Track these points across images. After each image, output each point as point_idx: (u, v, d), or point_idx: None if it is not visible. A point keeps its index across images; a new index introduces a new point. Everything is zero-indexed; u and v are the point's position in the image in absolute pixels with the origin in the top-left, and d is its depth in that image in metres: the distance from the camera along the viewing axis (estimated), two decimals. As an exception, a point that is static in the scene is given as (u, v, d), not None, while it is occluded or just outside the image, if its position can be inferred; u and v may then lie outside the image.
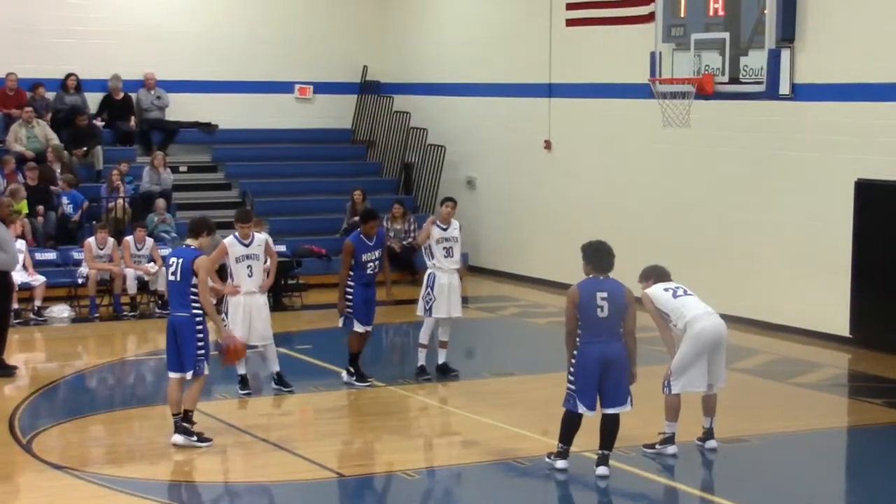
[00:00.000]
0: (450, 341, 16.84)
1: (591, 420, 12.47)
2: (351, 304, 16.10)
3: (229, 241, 15.40)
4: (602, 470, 12.44)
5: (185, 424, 13.48)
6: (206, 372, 13.55)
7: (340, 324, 16.24)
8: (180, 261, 13.35)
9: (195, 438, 13.48)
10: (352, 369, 16.36)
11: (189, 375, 13.42)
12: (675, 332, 13.20)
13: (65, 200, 22.91)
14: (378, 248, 16.29)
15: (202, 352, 13.40)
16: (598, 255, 12.53)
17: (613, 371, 12.31)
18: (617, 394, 12.36)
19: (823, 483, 12.92)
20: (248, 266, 15.36)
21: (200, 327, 13.35)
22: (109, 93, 25.71)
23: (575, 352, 12.37)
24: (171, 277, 13.45)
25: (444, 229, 16.57)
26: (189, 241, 13.60)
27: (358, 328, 16.14)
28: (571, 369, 12.39)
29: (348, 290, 16.08)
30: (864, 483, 13.04)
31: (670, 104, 19.73)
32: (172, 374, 13.53)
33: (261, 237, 15.70)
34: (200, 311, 13.34)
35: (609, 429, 12.45)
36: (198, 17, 26.93)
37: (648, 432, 13.41)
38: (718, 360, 13.22)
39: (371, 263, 16.14)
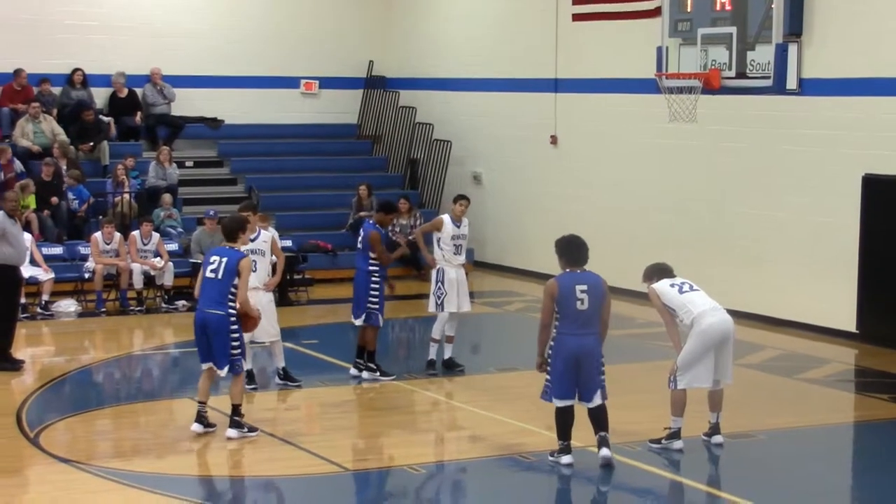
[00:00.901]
0: (456, 336, 16.87)
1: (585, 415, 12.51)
2: (377, 299, 16.09)
3: None
4: (604, 452, 12.45)
5: (236, 419, 13.58)
6: (246, 368, 13.66)
7: (360, 321, 16.16)
8: (224, 260, 13.37)
9: (246, 430, 13.60)
10: (373, 366, 16.35)
11: (224, 373, 13.47)
12: (682, 327, 13.19)
13: (70, 196, 22.93)
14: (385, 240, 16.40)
15: (238, 350, 13.48)
16: (570, 249, 12.61)
17: (589, 363, 12.38)
18: (595, 384, 12.41)
19: (830, 478, 12.90)
20: (254, 261, 15.29)
21: (235, 326, 13.42)
22: (114, 90, 25.72)
23: (552, 342, 12.43)
24: (211, 275, 13.42)
25: (458, 226, 16.61)
26: (229, 244, 13.61)
27: (380, 322, 16.16)
28: (549, 360, 12.43)
29: (374, 285, 16.06)
30: (870, 478, 13.03)
31: (677, 99, 19.69)
32: (205, 366, 13.60)
33: (267, 234, 15.66)
34: (235, 311, 13.40)
35: (597, 416, 12.51)
36: (204, 13, 26.96)
37: (655, 427, 13.41)
38: (725, 356, 13.21)
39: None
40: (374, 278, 16.04)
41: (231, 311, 13.35)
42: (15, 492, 12.17)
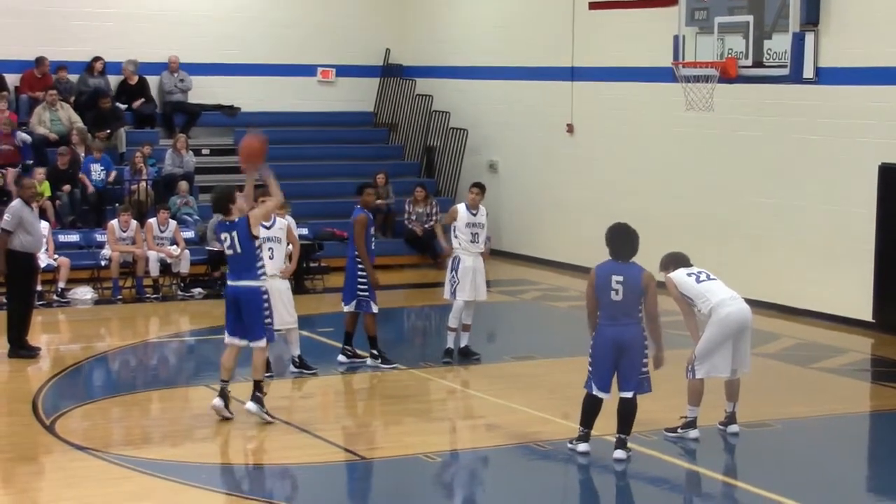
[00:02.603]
0: (472, 325, 16.87)
1: (613, 404, 12.49)
2: (365, 286, 16.13)
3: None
4: (619, 454, 12.45)
5: (259, 394, 13.69)
6: (274, 339, 13.99)
7: (352, 307, 16.18)
8: (234, 233, 13.55)
9: (265, 410, 13.67)
10: (375, 352, 16.38)
11: (263, 343, 13.61)
12: (700, 317, 13.18)
13: (98, 167, 22.85)
14: (373, 224, 16.41)
15: (269, 319, 13.71)
16: (614, 240, 12.56)
17: (628, 354, 12.33)
18: (631, 377, 12.36)
19: (845, 468, 12.89)
20: (270, 248, 15.32)
21: (266, 296, 13.65)
22: (124, 77, 25.74)
23: (594, 333, 12.43)
24: (230, 252, 13.64)
25: (473, 214, 16.62)
26: (225, 219, 13.66)
27: (374, 308, 16.17)
28: (591, 350, 12.44)
29: (360, 271, 16.10)
30: (886, 467, 13.01)
31: (693, 88, 19.63)
32: (233, 341, 13.71)
33: (283, 221, 15.69)
34: (265, 282, 13.66)
35: (624, 411, 12.48)
36: (221, 1, 26.96)
37: (671, 416, 13.41)
38: (743, 346, 13.20)
39: (373, 239, 16.25)
40: (360, 264, 16.09)
41: (262, 280, 13.62)
42: (31, 479, 12.22)
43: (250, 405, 13.63)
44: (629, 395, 12.42)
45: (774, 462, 12.68)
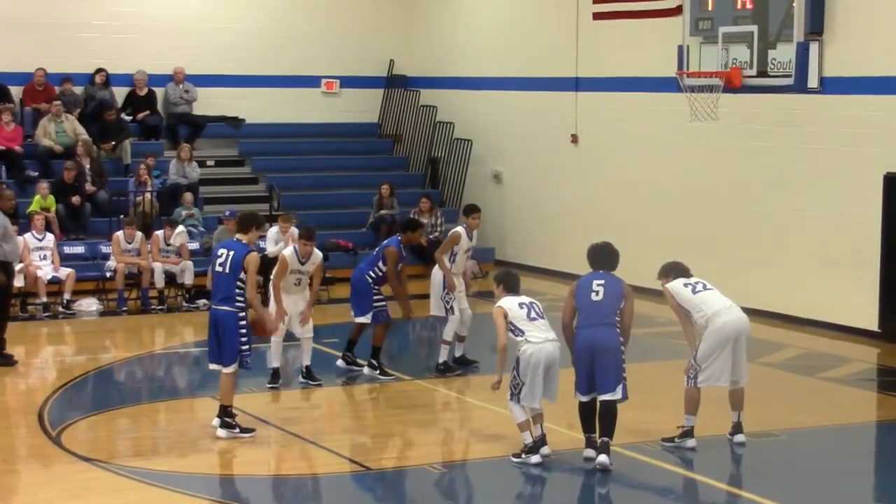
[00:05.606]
0: (475, 335, 16.89)
1: (620, 413, 12.50)
2: (382, 297, 16.28)
3: (289, 254, 15.66)
4: (602, 459, 12.44)
5: (226, 419, 13.54)
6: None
7: (367, 319, 16.28)
8: (231, 253, 13.32)
9: (237, 430, 13.55)
10: (375, 363, 16.41)
11: (231, 369, 13.42)
12: (698, 327, 13.20)
13: (102, 195, 22.99)
14: (403, 260, 16.56)
15: (246, 347, 13.43)
16: (591, 253, 13.04)
17: (602, 357, 12.45)
18: (605, 380, 12.45)
19: (851, 478, 12.86)
20: (298, 279, 15.72)
21: (244, 322, 13.39)
22: (133, 87, 25.76)
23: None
24: (219, 269, 13.41)
25: (470, 239, 16.74)
26: (239, 236, 13.61)
27: (389, 318, 16.34)
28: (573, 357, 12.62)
29: (375, 286, 16.30)
30: (892, 478, 13.00)
31: (698, 98, 19.65)
32: (213, 367, 13.60)
33: (317, 255, 15.86)
34: (243, 306, 13.35)
35: (603, 415, 12.55)
36: (225, 12, 27.00)
37: (670, 427, 13.39)
38: (740, 355, 13.18)
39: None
40: (372, 281, 16.35)
41: (239, 305, 13.32)
42: (37, 490, 12.20)
43: (219, 433, 13.52)
44: (607, 396, 12.46)
45: (780, 472, 12.66)
